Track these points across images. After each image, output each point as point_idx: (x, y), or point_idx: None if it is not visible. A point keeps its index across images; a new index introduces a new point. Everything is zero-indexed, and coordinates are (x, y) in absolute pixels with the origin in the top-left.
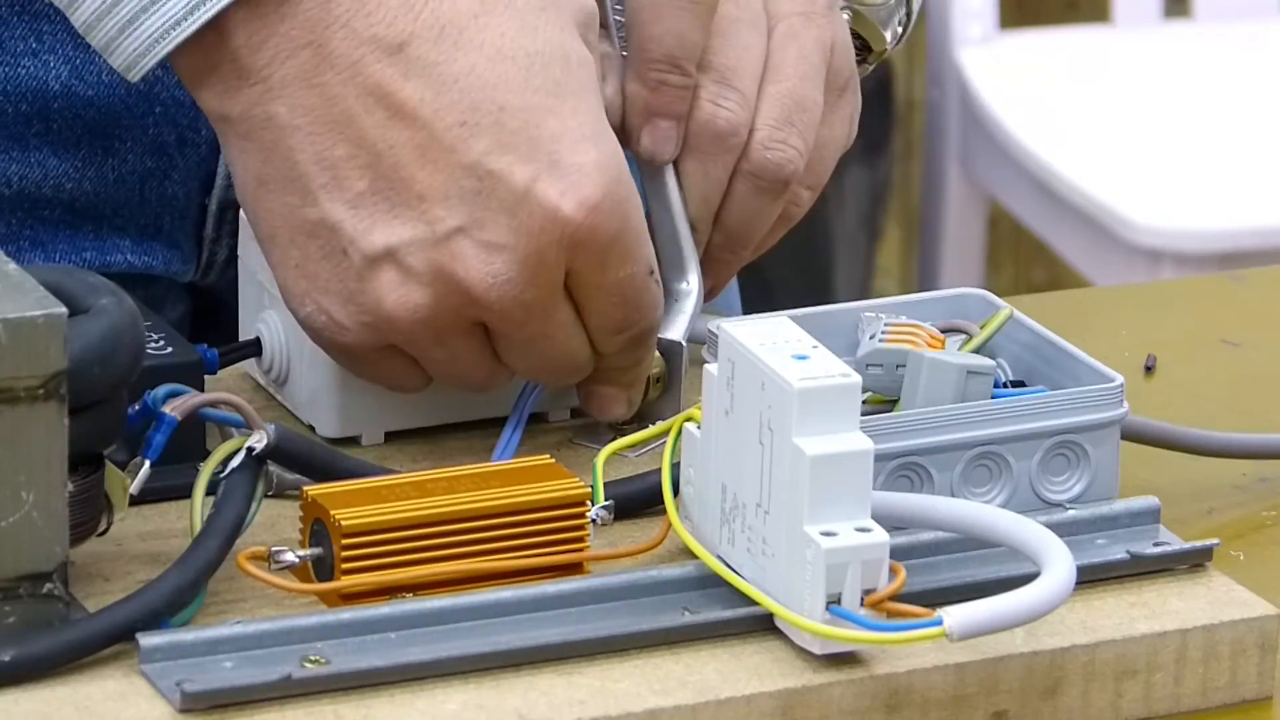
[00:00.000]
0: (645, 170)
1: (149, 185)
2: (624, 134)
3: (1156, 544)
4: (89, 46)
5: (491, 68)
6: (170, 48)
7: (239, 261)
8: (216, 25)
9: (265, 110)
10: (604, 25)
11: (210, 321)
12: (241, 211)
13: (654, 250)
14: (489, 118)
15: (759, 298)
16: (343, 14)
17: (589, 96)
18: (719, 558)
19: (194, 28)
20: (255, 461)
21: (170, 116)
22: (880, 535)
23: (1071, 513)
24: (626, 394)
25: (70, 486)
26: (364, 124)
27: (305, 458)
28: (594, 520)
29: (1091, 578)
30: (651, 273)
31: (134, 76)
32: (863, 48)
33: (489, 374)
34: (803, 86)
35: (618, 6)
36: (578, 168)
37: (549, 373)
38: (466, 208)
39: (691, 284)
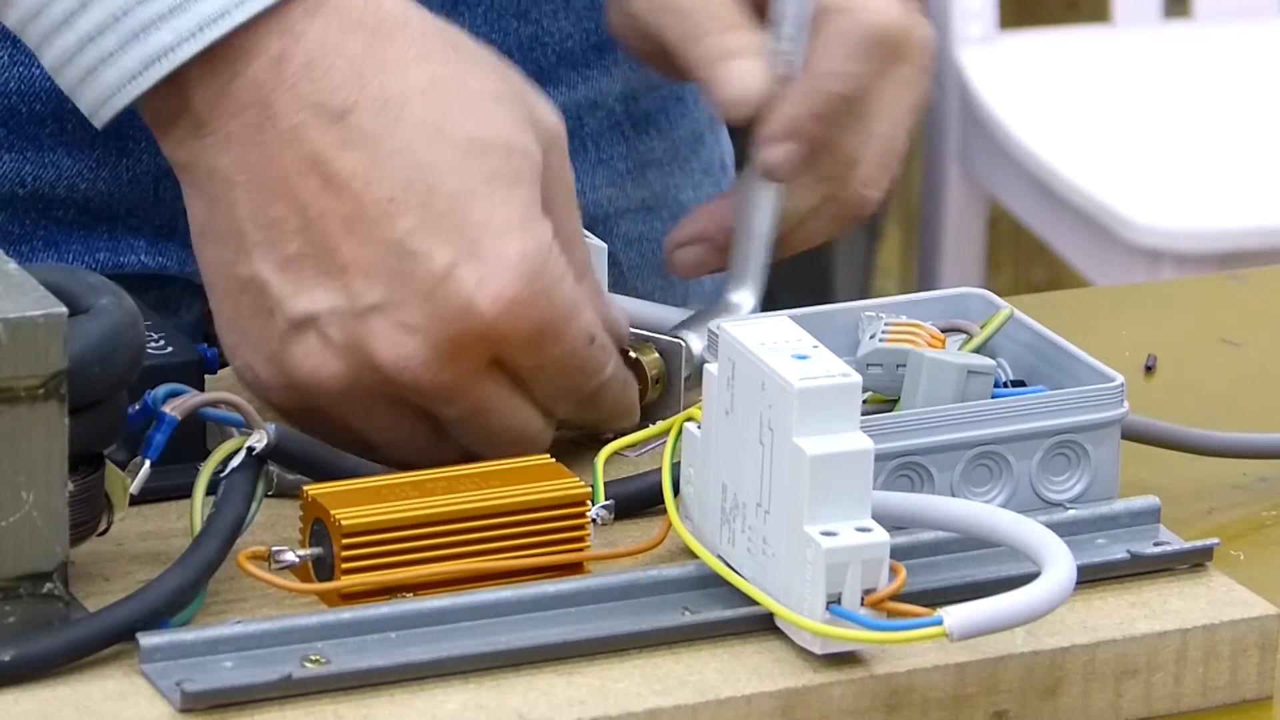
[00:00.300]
0: (750, 177)
1: (163, 185)
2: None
3: (1157, 544)
4: None
5: (428, 147)
6: (127, 100)
7: None
8: (174, 79)
9: (211, 162)
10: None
11: None
12: None
13: (597, 313)
14: (417, 197)
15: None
16: (290, 77)
17: (524, 188)
18: (719, 557)
19: (149, 83)
20: (255, 461)
21: None
22: (880, 535)
23: (1071, 512)
24: (616, 424)
25: (70, 486)
26: (298, 188)
27: (305, 458)
28: (594, 520)
29: (1091, 577)
30: (593, 340)
31: (98, 122)
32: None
33: (431, 447)
34: (900, 129)
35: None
36: (498, 257)
37: (502, 447)
38: (385, 285)
39: (746, 302)
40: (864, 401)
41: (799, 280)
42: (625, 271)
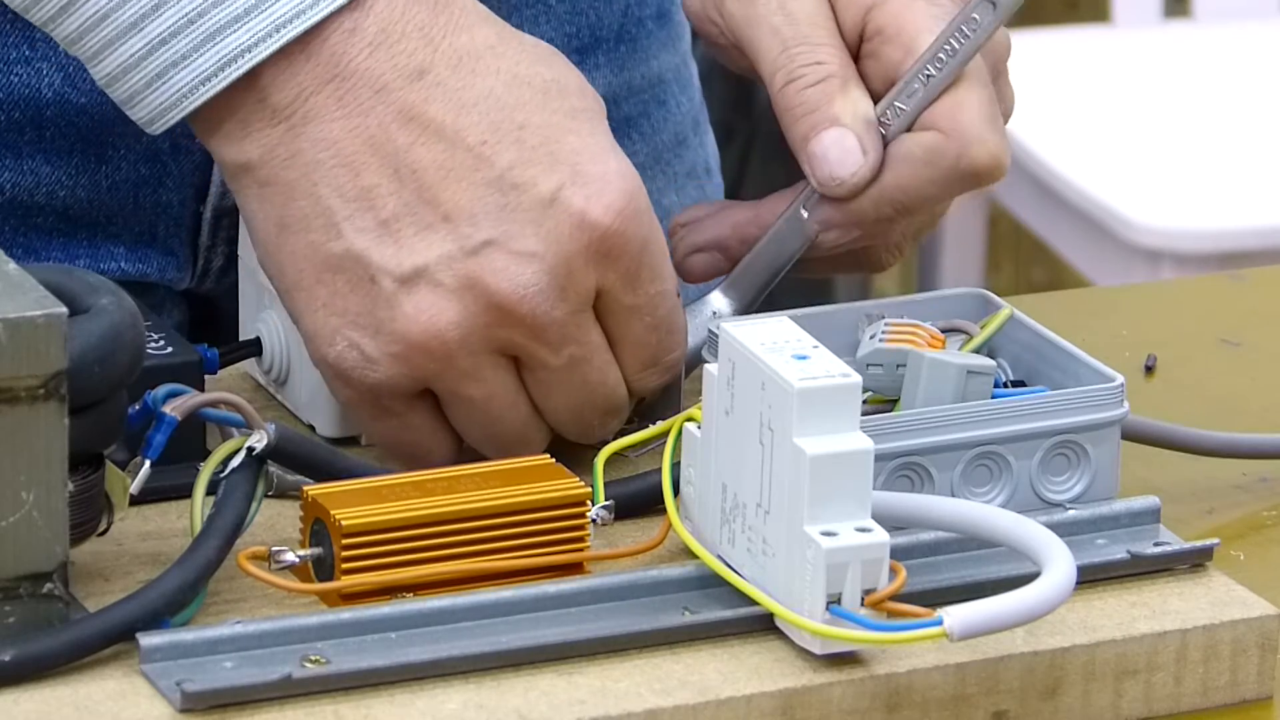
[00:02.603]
0: (793, 220)
1: (143, 192)
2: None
3: (1157, 544)
4: None
5: (509, 91)
6: (199, 103)
7: (239, 261)
8: (247, 75)
9: (289, 148)
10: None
11: (208, 328)
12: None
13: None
14: (509, 136)
15: None
16: (365, 47)
17: (602, 122)
18: (719, 558)
19: (224, 84)
20: (255, 461)
21: None
22: (880, 535)
23: (1071, 513)
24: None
25: (70, 486)
26: (387, 150)
27: (305, 458)
28: (594, 520)
29: (1091, 578)
30: (679, 294)
31: (157, 129)
32: None
33: (524, 423)
34: (938, 220)
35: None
36: (600, 176)
37: (589, 410)
38: (494, 221)
39: (725, 310)
40: (864, 401)
41: (799, 280)
42: None
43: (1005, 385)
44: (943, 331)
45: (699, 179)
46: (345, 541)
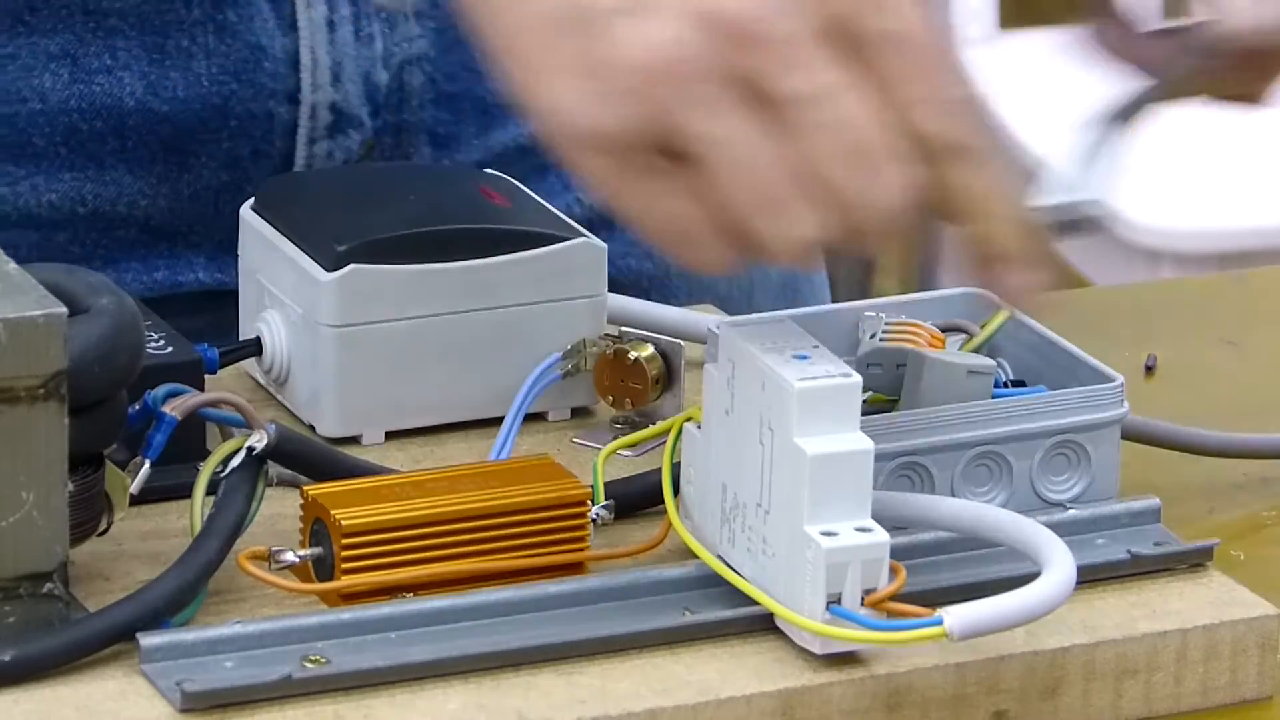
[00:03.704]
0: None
1: (224, 200)
2: None
3: (1157, 544)
4: (163, 62)
5: None
6: None
7: (239, 261)
8: None
9: None
10: None
11: None
12: (243, 211)
13: None
14: None
15: None
16: None
17: None
18: (719, 557)
19: None
20: (255, 461)
21: (245, 130)
22: (880, 535)
23: (1072, 513)
24: (1023, 265)
25: (70, 486)
26: None
27: (305, 458)
28: (594, 520)
29: (1092, 578)
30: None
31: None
32: None
33: (778, 174)
34: None
35: None
36: None
37: (853, 155)
38: None
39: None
40: (864, 401)
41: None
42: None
43: (1005, 385)
44: (943, 331)
45: None
46: (345, 541)
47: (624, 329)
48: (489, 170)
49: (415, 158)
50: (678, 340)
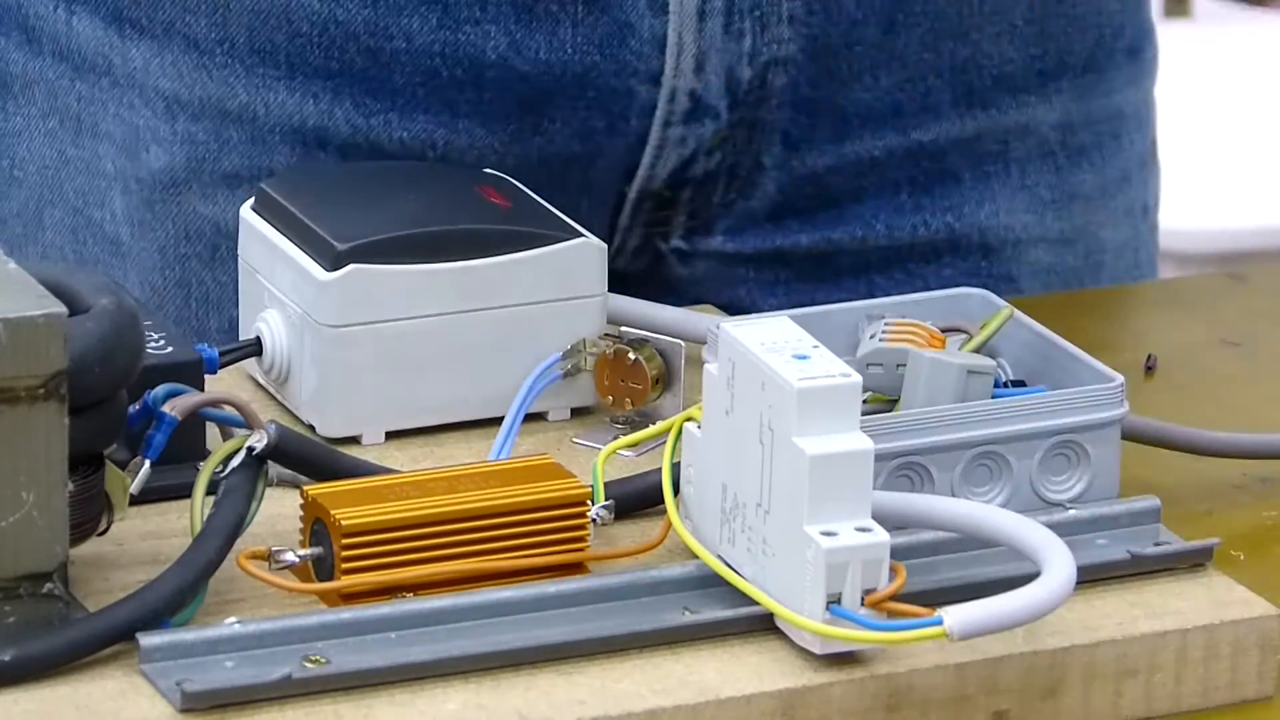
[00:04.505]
0: None
1: (573, 169)
2: None
3: (1157, 544)
4: (530, 23)
5: None
6: None
7: (239, 261)
8: None
9: None
10: None
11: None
12: (243, 211)
13: None
14: None
15: None
16: None
17: None
18: (719, 557)
19: None
20: (255, 461)
21: (602, 103)
22: (880, 535)
23: (1072, 513)
24: None
25: (70, 486)
26: None
27: (305, 458)
28: (594, 520)
29: (1092, 578)
30: None
31: None
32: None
33: None
34: None
35: None
36: None
37: None
38: None
39: None
40: (864, 401)
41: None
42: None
43: (1005, 385)
44: (943, 331)
45: (1135, 218)
46: (345, 541)
47: (624, 329)
48: (489, 170)
49: (765, 156)
50: (678, 340)
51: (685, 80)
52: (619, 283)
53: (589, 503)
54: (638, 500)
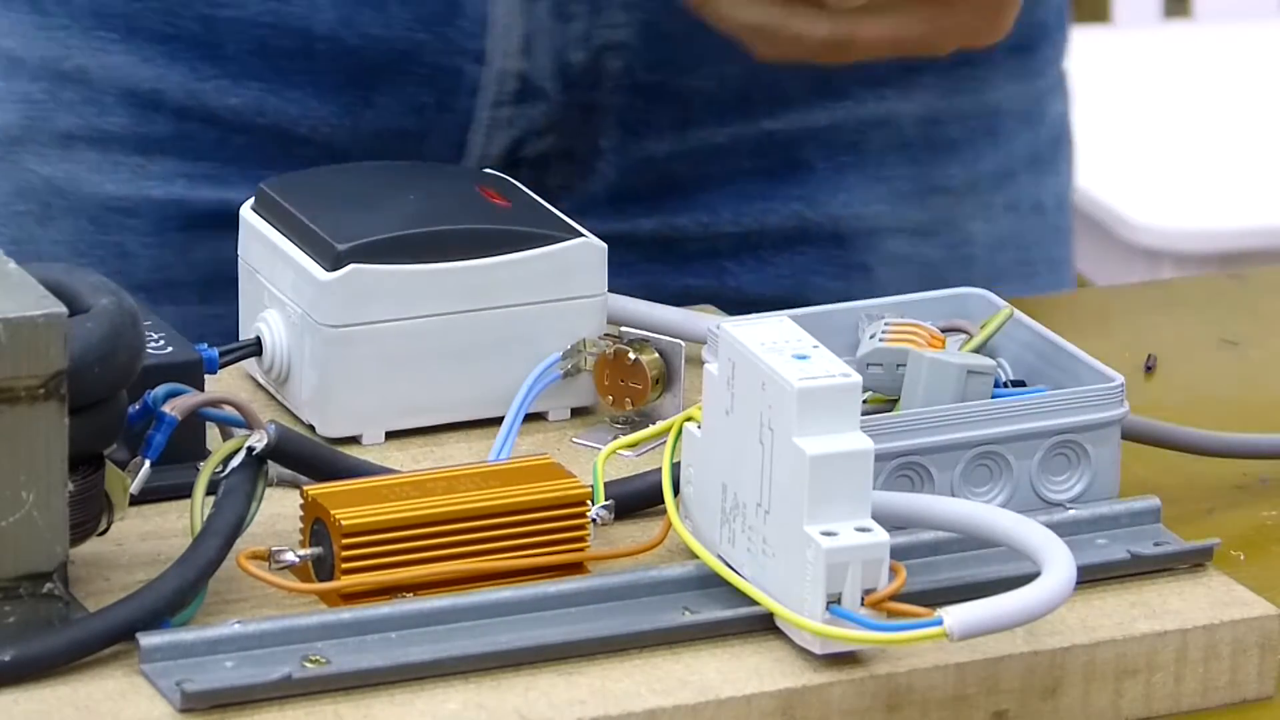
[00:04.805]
0: None
1: (407, 143)
2: None
3: (1157, 544)
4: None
5: None
6: None
7: (239, 261)
8: None
9: None
10: None
11: None
12: (243, 211)
13: None
14: None
15: None
16: None
17: None
18: (719, 557)
19: None
20: (255, 461)
21: (431, 80)
22: (880, 535)
23: (1072, 513)
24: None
25: (70, 486)
26: None
27: (305, 458)
28: (594, 520)
29: (1091, 578)
30: None
31: None
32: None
33: None
34: None
35: None
36: None
37: None
38: None
39: None
40: (864, 401)
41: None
42: (876, 288)
43: (1005, 385)
44: (943, 331)
45: (1020, 214)
46: (345, 541)
47: (624, 329)
48: (489, 170)
49: (602, 140)
50: (678, 340)
51: (512, 61)
52: None
53: (589, 503)
54: (638, 500)
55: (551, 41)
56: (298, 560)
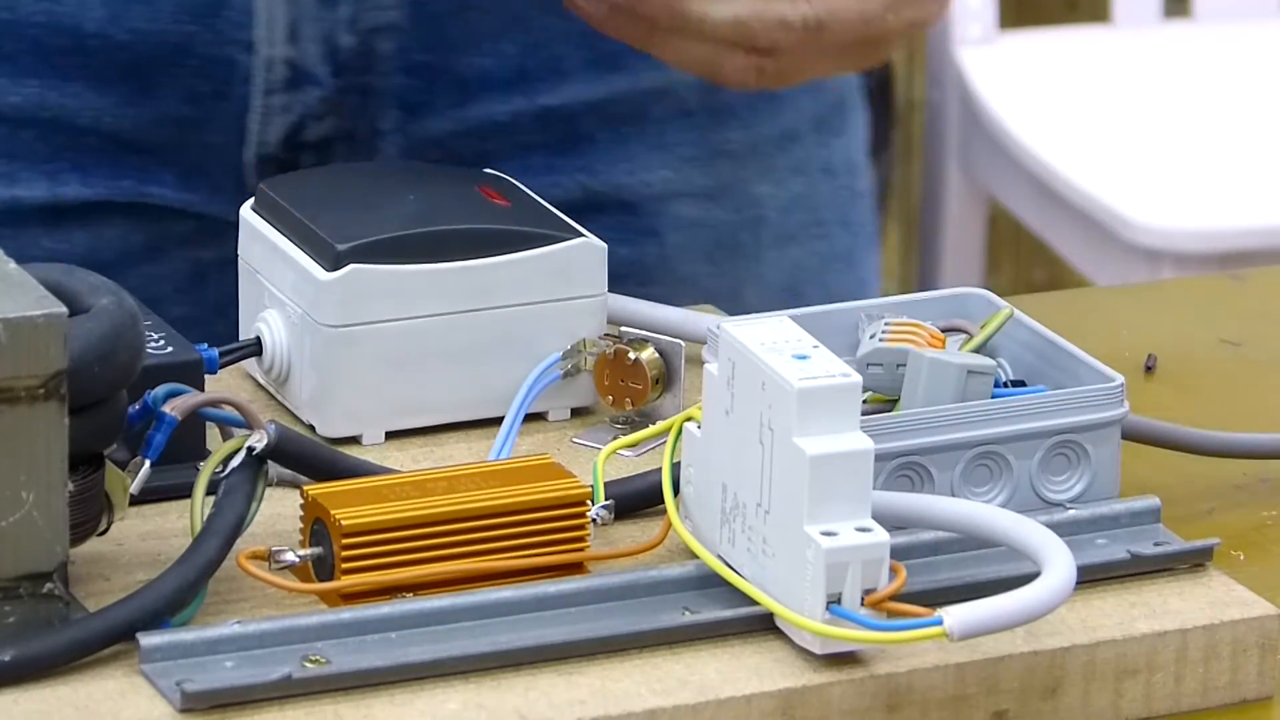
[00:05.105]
0: None
1: (187, 131)
2: None
3: (1157, 544)
4: None
5: None
6: None
7: (239, 261)
8: None
9: None
10: None
11: None
12: (243, 211)
13: None
14: None
15: None
16: None
17: None
18: (719, 557)
19: None
20: (255, 461)
21: (205, 70)
22: (880, 535)
23: (1071, 512)
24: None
25: (70, 486)
26: None
27: (305, 458)
28: (594, 520)
29: (1091, 578)
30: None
31: None
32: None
33: None
34: None
35: None
36: None
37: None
38: None
39: None
40: (864, 401)
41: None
42: (669, 252)
43: (1005, 385)
44: (943, 331)
45: (810, 176)
46: (345, 541)
47: (624, 329)
48: (489, 170)
49: (381, 121)
50: (678, 340)
51: (280, 49)
52: None
53: (589, 503)
54: (638, 500)
55: (318, 27)
56: (298, 560)
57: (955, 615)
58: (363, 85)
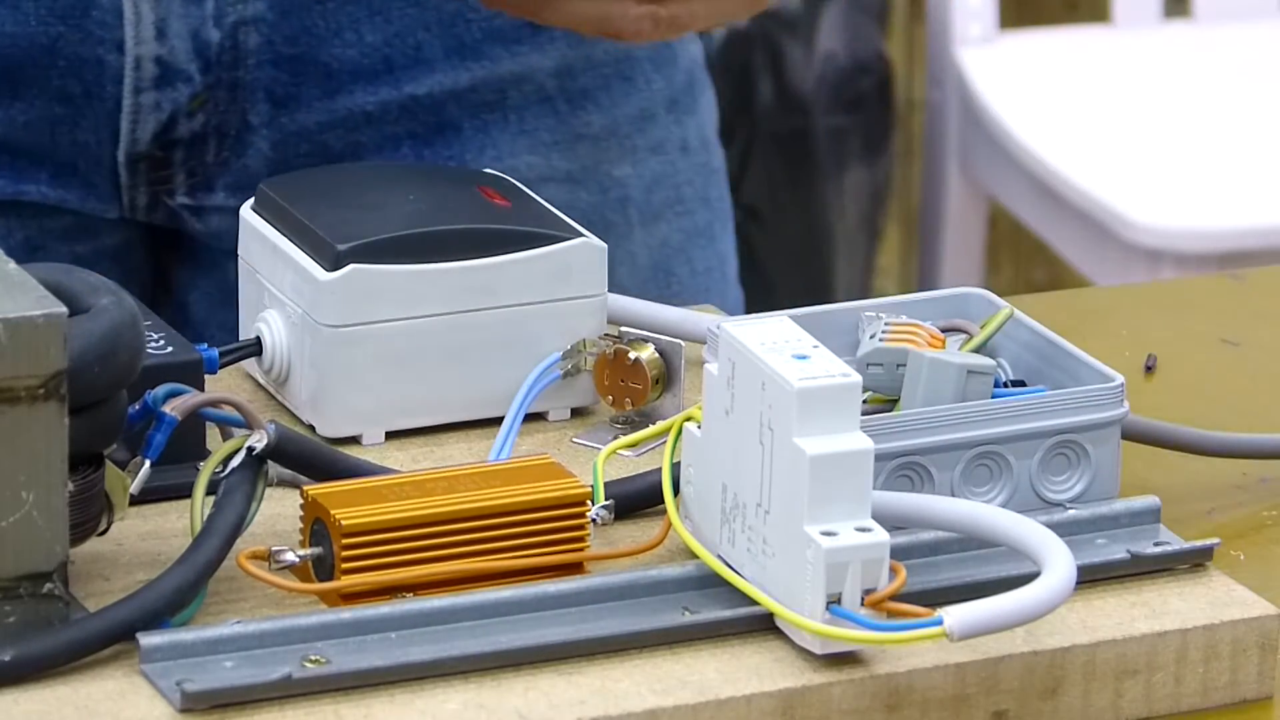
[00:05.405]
0: None
1: (59, 131)
2: None
3: (1157, 544)
4: None
5: None
6: None
7: (239, 261)
8: None
9: None
10: None
11: (161, 251)
12: (243, 211)
13: None
14: None
15: (759, 298)
16: None
17: None
18: (719, 557)
19: None
20: (255, 461)
21: (75, 71)
22: (880, 535)
23: (1071, 512)
24: None
25: (70, 486)
26: None
27: (305, 458)
28: (594, 520)
29: (1091, 578)
30: None
31: None
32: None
33: None
34: None
35: None
36: None
37: None
38: None
39: None
40: (864, 401)
41: (799, 280)
42: None
43: (1005, 385)
44: (943, 331)
45: (669, 155)
46: (345, 541)
47: (624, 329)
48: (489, 170)
49: (252, 115)
50: (678, 340)
51: (148, 47)
52: (150, 240)
53: (589, 503)
54: (638, 500)
55: (185, 24)
56: (298, 560)
57: (955, 615)
58: (232, 80)
